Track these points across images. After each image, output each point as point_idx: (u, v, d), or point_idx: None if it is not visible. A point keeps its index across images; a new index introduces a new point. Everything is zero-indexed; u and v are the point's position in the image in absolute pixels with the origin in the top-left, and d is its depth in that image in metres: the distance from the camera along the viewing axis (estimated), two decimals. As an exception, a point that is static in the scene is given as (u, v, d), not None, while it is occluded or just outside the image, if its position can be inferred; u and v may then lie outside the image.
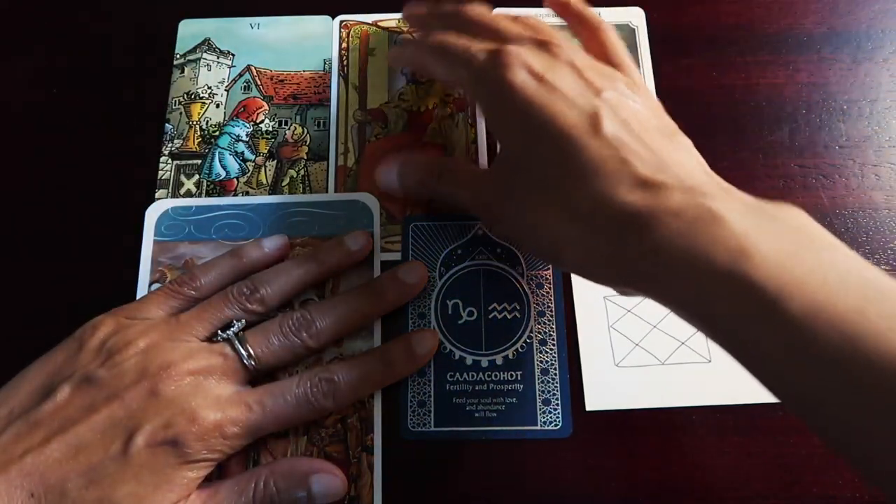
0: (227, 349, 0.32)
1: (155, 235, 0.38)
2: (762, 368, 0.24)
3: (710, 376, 0.35)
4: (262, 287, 0.33)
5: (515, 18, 0.34)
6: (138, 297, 0.36)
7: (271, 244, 0.36)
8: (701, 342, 0.36)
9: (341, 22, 0.44)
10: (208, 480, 0.31)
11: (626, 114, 0.29)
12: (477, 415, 0.35)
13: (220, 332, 0.32)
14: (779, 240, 0.24)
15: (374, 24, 0.44)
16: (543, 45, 0.31)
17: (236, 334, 0.32)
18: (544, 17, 0.43)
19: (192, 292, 0.34)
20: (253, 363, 0.32)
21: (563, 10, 0.37)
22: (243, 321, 0.33)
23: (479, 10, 0.35)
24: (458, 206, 0.35)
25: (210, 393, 0.30)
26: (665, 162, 0.27)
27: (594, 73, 0.30)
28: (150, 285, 0.37)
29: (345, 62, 0.43)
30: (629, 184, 0.27)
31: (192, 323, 0.32)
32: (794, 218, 0.25)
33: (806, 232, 0.25)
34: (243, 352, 0.31)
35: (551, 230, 0.29)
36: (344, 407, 0.34)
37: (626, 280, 0.27)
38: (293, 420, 0.32)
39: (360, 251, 0.36)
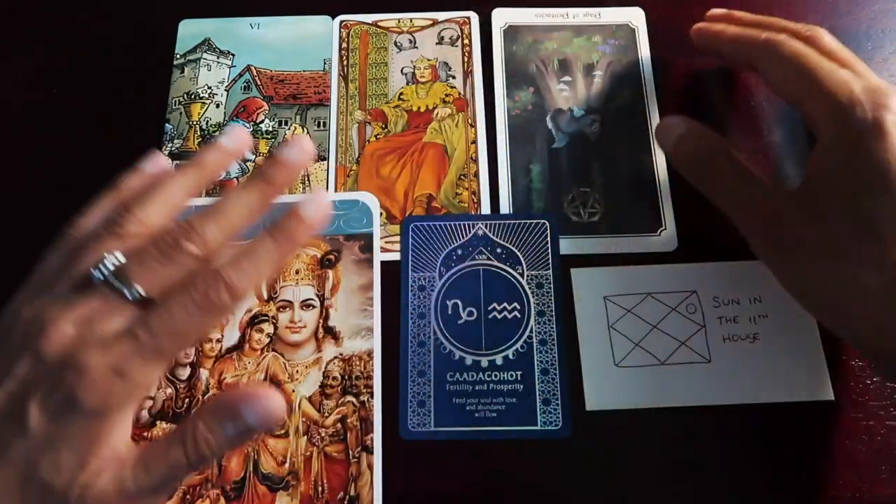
0: (104, 289, 0.27)
1: (155, 235, 0.38)
2: None
3: (710, 376, 0.35)
4: (137, 208, 0.29)
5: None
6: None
7: (150, 166, 0.32)
8: (701, 342, 0.36)
9: (341, 22, 0.44)
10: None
11: None
12: (477, 415, 0.35)
13: (91, 270, 0.28)
14: None
15: (374, 24, 0.44)
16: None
17: (112, 270, 0.27)
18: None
19: (77, 239, 0.30)
20: (137, 294, 0.27)
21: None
22: (120, 253, 0.28)
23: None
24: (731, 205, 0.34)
25: (95, 338, 0.26)
26: None
27: None
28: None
29: (345, 62, 0.43)
30: None
31: (67, 270, 0.28)
32: None
33: None
34: (120, 286, 0.27)
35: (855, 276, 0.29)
36: (247, 295, 0.30)
37: None
38: (194, 330, 0.28)
39: (237, 147, 0.32)
